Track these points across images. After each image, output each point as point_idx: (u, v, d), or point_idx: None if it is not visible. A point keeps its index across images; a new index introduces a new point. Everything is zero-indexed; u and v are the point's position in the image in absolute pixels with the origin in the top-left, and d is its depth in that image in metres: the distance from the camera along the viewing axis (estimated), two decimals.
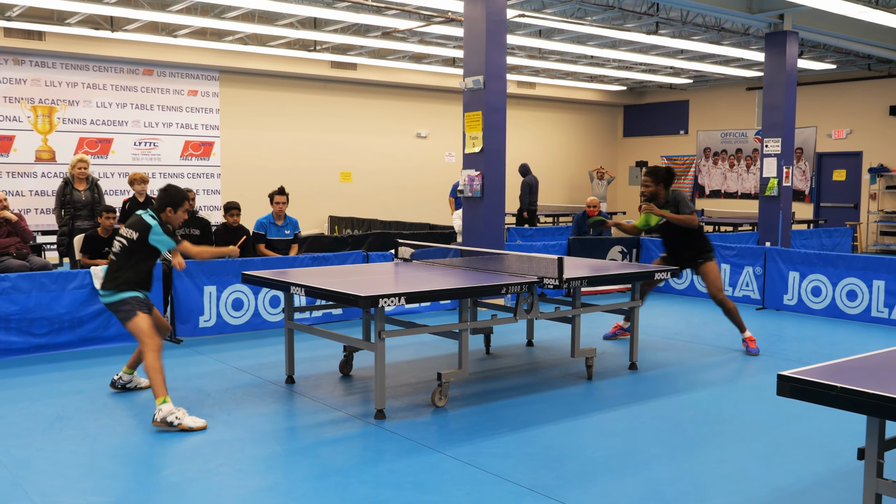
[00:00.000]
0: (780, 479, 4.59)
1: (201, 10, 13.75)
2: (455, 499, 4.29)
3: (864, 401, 2.92)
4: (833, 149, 20.09)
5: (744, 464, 4.85)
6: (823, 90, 20.06)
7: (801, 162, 20.47)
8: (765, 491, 4.43)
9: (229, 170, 17.53)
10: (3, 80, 15.03)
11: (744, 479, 4.60)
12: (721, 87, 22.30)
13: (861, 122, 19.53)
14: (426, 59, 18.29)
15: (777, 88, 14.00)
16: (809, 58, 17.63)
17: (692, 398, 6.34)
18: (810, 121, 20.10)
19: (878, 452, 3.15)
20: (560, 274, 6.21)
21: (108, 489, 4.42)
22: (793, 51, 13.92)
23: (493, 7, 9.84)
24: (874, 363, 3.43)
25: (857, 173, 19.70)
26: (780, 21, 13.69)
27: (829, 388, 3.01)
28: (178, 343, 8.26)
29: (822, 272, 10.03)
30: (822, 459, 4.92)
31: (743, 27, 14.84)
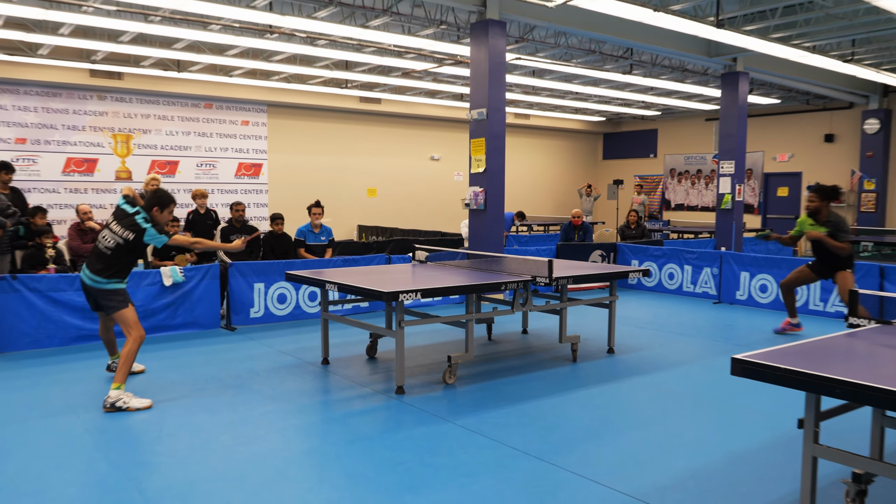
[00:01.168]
0: (733, 445, 4.59)
1: (252, 55, 13.82)
2: (462, 461, 4.29)
3: (804, 379, 2.92)
4: (778, 170, 20.01)
5: (703, 432, 4.84)
6: (770, 121, 19.99)
7: (751, 180, 20.40)
8: (720, 454, 4.42)
9: (275, 186, 17.57)
10: (89, 113, 15.12)
11: (703, 444, 4.60)
12: (684, 118, 22.25)
13: (801, 148, 19.46)
14: (439, 94, 18.31)
15: (731, 119, 13.97)
16: (758, 94, 17.58)
17: (660, 377, 6.33)
18: (759, 146, 20.04)
19: (815, 422, 3.15)
20: (550, 273, 6.23)
21: (173, 450, 4.44)
22: (744, 88, 13.89)
23: (494, 51, 9.86)
24: (812, 348, 3.43)
25: (797, 190, 19.61)
26: (734, 63, 13.67)
27: (775, 368, 3.01)
28: (232, 331, 8.28)
29: (769, 272, 9.99)
30: (768, 428, 4.91)
31: (703, 68, 14.82)
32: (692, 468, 4.20)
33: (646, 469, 4.18)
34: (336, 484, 3.96)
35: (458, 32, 11.26)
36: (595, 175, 24.70)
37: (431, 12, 10.77)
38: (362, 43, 12.06)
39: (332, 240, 10.22)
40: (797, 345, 3.49)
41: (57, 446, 4.52)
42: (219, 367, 6.60)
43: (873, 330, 3.94)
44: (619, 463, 4.27)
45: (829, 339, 3.69)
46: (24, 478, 4.02)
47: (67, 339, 7.43)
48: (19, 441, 4.61)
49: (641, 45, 11.93)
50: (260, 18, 10.06)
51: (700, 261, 10.99)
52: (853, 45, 13.10)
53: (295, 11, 10.51)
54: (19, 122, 14.36)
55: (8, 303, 7.12)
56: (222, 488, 3.88)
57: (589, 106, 20.07)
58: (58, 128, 14.79)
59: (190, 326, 8.18)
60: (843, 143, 18.63)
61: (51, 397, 5.59)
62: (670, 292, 11.38)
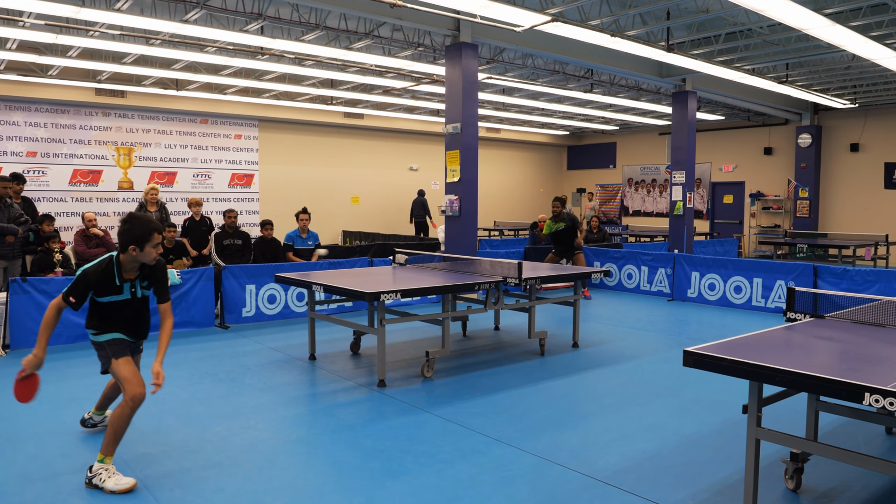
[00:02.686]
0: (685, 429, 4.61)
1: (245, 74, 13.69)
2: (440, 448, 4.27)
3: (747, 369, 2.94)
4: (723, 179, 20.23)
5: (658, 418, 4.86)
6: (716, 135, 20.22)
7: (700, 189, 20.60)
8: (674, 438, 4.44)
9: (265, 195, 17.42)
10: (94, 128, 14.88)
11: (658, 429, 4.62)
12: (640, 132, 22.43)
13: (743, 160, 19.70)
14: (417, 110, 18.29)
15: (681, 134, 14.09)
16: (705, 111, 17.79)
17: (620, 368, 6.35)
18: (706, 158, 20.26)
19: (757, 408, 3.17)
20: (520, 274, 6.22)
21: (171, 440, 4.37)
22: (692, 106, 14.03)
23: (467, 71, 9.86)
24: (754, 341, 3.46)
25: (741, 197, 19.84)
26: (683, 84, 13.81)
27: (721, 360, 3.03)
28: (226, 329, 8.18)
29: (716, 272, 10.09)
30: (716, 414, 4.94)
31: (656, 88, 14.95)
32: (649, 451, 4.21)
33: (606, 453, 4.18)
34: (322, 470, 3.92)
35: (435, 54, 11.25)
36: (560, 184, 24.80)
37: (410, 35, 10.75)
38: (346, 63, 12.00)
39: (318, 244, 10.14)
40: (741, 338, 3.51)
41: (63, 437, 4.42)
42: (213, 362, 6.51)
43: (808, 324, 3.99)
44: (582, 447, 4.27)
45: (770, 332, 3.72)
46: (34, 466, 3.93)
47: (73, 338, 7.29)
48: (29, 432, 4.51)
49: (601, 66, 12.01)
50: (252, 41, 9.98)
51: (655, 262, 11.07)
52: (787, 67, 13.31)
53: (284, 35, 10.43)
54: (30, 136, 14.12)
55: (19, 303, 7.00)
56: (217, 475, 3.82)
57: (554, 121, 20.16)
58: (65, 142, 14.55)
59: (186, 325, 8.07)
60: (780, 155, 18.90)
61: (57, 391, 5.48)
62: (629, 291, 11.45)
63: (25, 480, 3.74)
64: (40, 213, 9.01)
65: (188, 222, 10.06)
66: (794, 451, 3.58)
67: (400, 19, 9.16)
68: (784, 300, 9.17)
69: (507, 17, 8.50)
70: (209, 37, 9.76)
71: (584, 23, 9.28)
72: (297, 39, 10.26)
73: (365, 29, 10.27)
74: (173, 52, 11.05)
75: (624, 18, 10.13)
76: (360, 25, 10.24)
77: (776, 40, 11.18)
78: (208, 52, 11.21)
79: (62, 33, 9.86)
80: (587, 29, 9.15)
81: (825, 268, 8.89)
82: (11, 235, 7.58)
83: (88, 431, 4.54)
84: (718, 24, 10.55)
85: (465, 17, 9.21)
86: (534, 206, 23.48)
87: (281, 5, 9.34)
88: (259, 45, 10.45)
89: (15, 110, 13.91)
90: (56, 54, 11.69)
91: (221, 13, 9.03)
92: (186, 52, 11.09)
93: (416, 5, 8.33)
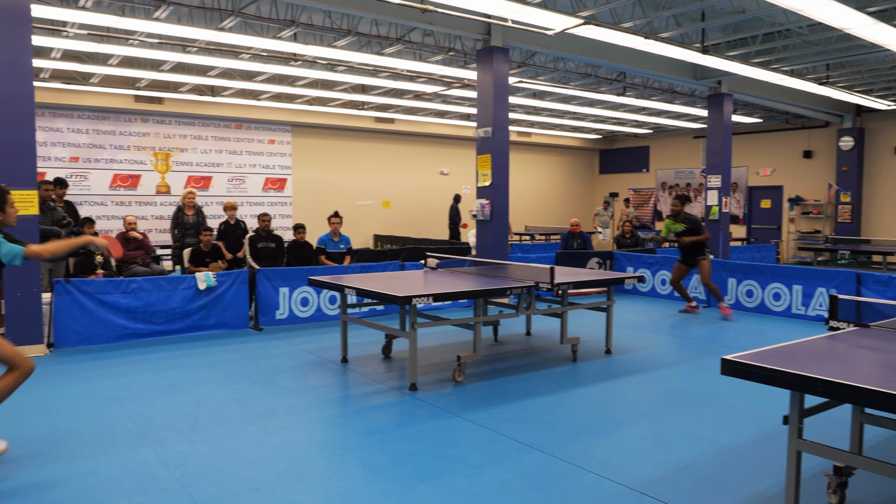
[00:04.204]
0: (722, 439, 4.52)
1: (278, 80, 13.86)
2: (471, 452, 4.25)
3: (789, 379, 2.87)
4: (760, 183, 19.87)
5: (694, 427, 4.77)
6: (753, 138, 19.86)
7: (736, 193, 20.25)
8: (711, 448, 4.35)
9: (298, 199, 17.60)
10: (133, 134, 15.21)
11: (694, 438, 4.53)
12: (674, 135, 22.15)
13: (782, 163, 19.32)
14: (448, 114, 18.31)
15: (717, 137, 13.89)
16: (741, 113, 17.50)
17: (654, 376, 6.26)
18: (743, 161, 19.91)
19: (799, 419, 3.09)
20: (552, 279, 6.18)
21: (207, 439, 4.42)
22: (728, 108, 13.82)
23: (498, 76, 9.84)
24: (796, 350, 3.37)
25: (779, 202, 19.46)
26: (719, 86, 13.60)
27: (762, 369, 2.96)
28: (260, 331, 8.27)
29: (754, 278, 9.89)
30: (755, 424, 4.83)
31: (690, 90, 14.76)
32: (684, 461, 4.13)
33: (641, 461, 4.12)
34: (354, 472, 3.92)
35: (465, 58, 11.26)
36: (591, 189, 24.62)
37: (441, 40, 10.78)
38: (378, 68, 12.07)
39: (350, 247, 10.21)
40: (782, 346, 3.43)
41: (104, 434, 4.51)
42: (247, 363, 6.59)
43: (852, 333, 3.88)
44: (615, 456, 4.21)
45: (811, 341, 3.63)
46: (76, 462, 4.01)
47: (113, 337, 7.44)
48: (72, 429, 4.61)
49: (634, 69, 11.89)
50: (286, 48, 10.10)
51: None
52: (828, 68, 13.03)
53: (317, 41, 10.54)
54: (73, 142, 14.50)
55: (62, 304, 7.17)
56: (252, 474, 3.85)
57: (586, 125, 20.03)
58: (106, 147, 14.90)
59: (221, 327, 8.18)
60: (820, 158, 18.49)
61: (99, 389, 5.59)
62: (663, 297, 11.30)
63: (69, 475, 3.82)
64: (82, 217, 9.22)
65: (223, 226, 10.19)
66: (837, 465, 3.48)
67: (431, 24, 9.19)
68: (825, 308, 8.96)
69: (539, 20, 8.46)
70: (244, 44, 9.90)
71: (617, 25, 9.20)
72: (330, 45, 10.36)
73: (396, 34, 10.32)
74: (209, 60, 11.24)
75: (658, 20, 10.02)
76: (391, 31, 10.30)
77: (816, 40, 10.95)
78: (243, 58, 11.37)
79: (103, 42, 10.09)
80: (620, 31, 9.07)
81: (869, 275, 8.66)
82: (55, 238, 7.77)
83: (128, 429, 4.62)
84: (755, 25, 10.37)
85: (496, 22, 9.21)
86: (566, 211, 23.34)
87: (313, 12, 9.44)
88: (292, 52, 10.56)
89: (58, 117, 14.28)
90: (97, 63, 11.98)
91: (255, 20, 9.16)
92: (222, 59, 11.27)
93: (447, 10, 8.34)
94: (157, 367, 6.40)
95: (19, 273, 6.71)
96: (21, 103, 6.70)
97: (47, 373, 6.17)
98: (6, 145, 6.65)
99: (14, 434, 4.55)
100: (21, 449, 4.27)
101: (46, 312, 7.08)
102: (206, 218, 10.49)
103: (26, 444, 4.36)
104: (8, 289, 6.69)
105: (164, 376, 6.07)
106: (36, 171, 6.86)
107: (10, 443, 4.36)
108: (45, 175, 12.01)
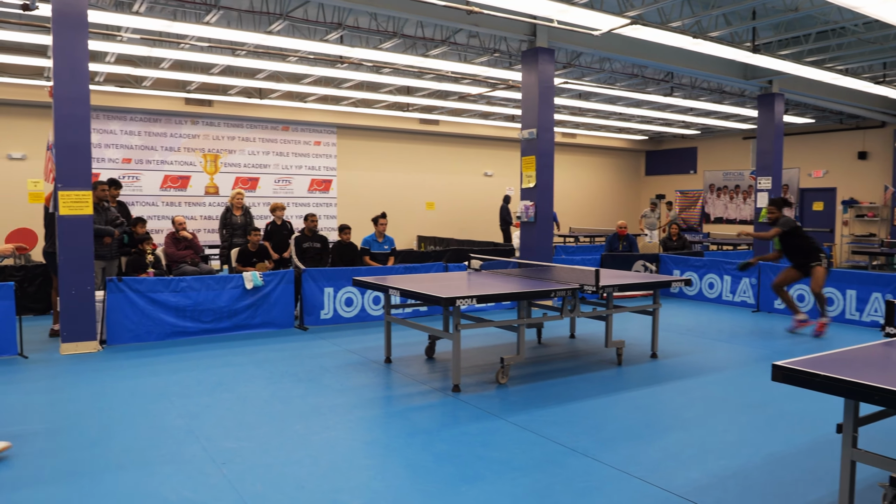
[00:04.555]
0: (772, 447, 4.41)
1: (324, 82, 14.06)
2: (514, 455, 4.24)
3: (843, 386, 2.79)
4: (813, 185, 19.32)
5: (743, 434, 4.67)
6: (805, 139, 19.33)
7: (787, 195, 19.74)
8: (759, 456, 4.25)
9: (343, 200, 17.81)
10: (184, 136, 15.61)
11: (743, 445, 4.44)
12: (723, 136, 21.70)
13: (835, 165, 18.76)
14: (492, 116, 18.30)
15: (767, 138, 13.55)
16: (793, 114, 17.04)
17: (701, 381, 6.15)
18: (794, 163, 19.39)
19: (853, 427, 3.00)
20: (597, 282, 6.12)
21: (254, 436, 4.51)
22: (780, 109, 13.47)
23: (543, 77, 9.80)
24: (850, 356, 3.28)
25: (832, 205, 18.90)
26: (770, 86, 13.28)
27: (815, 375, 2.89)
28: (305, 330, 8.39)
29: (806, 283, 9.60)
30: (806, 432, 4.71)
31: (740, 90, 14.45)
32: (732, 468, 4.05)
33: (687, 468, 4.05)
34: (397, 472, 3.95)
35: (510, 59, 11.24)
36: (637, 191, 24.30)
37: (486, 42, 10.78)
38: (423, 70, 12.14)
39: (394, 248, 10.28)
40: (835, 353, 3.34)
41: (154, 429, 4.64)
42: (293, 362, 6.69)
43: None
44: (661, 461, 4.15)
45: (867, 347, 3.52)
46: (127, 456, 4.14)
47: (163, 335, 7.65)
48: (123, 424, 4.75)
49: (681, 69, 11.70)
50: (332, 50, 10.23)
51: (739, 271, 10.65)
52: (884, 67, 12.60)
53: (363, 43, 10.65)
54: (126, 144, 14.95)
55: (115, 302, 7.40)
56: (297, 472, 3.92)
57: (632, 125, 19.78)
58: (157, 149, 15.32)
59: (267, 326, 8.33)
60: (875, 160, 17.89)
61: (149, 386, 5.76)
62: (710, 301, 11.08)
63: (119, 469, 3.94)
64: (133, 217, 9.50)
65: (270, 226, 10.37)
66: (893, 476, 3.37)
67: (476, 26, 9.20)
68: (881, 314, 8.66)
69: (585, 20, 8.40)
70: (291, 47, 10.07)
71: (665, 25, 9.06)
72: (375, 48, 10.45)
73: (441, 36, 10.36)
74: (257, 63, 11.47)
75: (707, 19, 9.84)
76: (436, 33, 10.35)
77: (872, 38, 10.60)
78: (290, 61, 11.57)
79: (156, 46, 10.38)
80: (668, 31, 8.93)
81: None
82: (108, 237, 8.03)
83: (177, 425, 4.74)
84: (808, 23, 10.10)
85: (541, 23, 9.17)
86: (611, 213, 23.09)
87: (360, 14, 9.55)
88: (338, 54, 10.70)
89: (112, 119, 14.75)
90: (150, 66, 12.33)
91: (303, 24, 9.31)
92: (270, 62, 11.48)
93: (493, 11, 8.34)
94: (204, 365, 6.55)
95: (74, 272, 6.96)
96: (77, 106, 6.94)
97: (100, 369, 6.38)
98: (64, 147, 6.90)
99: (68, 427, 4.72)
100: (75, 441, 4.42)
101: (99, 310, 7.31)
102: (254, 218, 10.69)
103: (80, 437, 4.52)
104: (63, 287, 6.94)
105: (212, 374, 6.21)
106: (91, 172, 7.10)
107: (65, 434, 4.53)
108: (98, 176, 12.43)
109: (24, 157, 13.89)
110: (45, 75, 12.69)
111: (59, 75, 6.85)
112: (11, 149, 13.82)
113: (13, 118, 13.78)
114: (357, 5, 8.39)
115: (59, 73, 6.85)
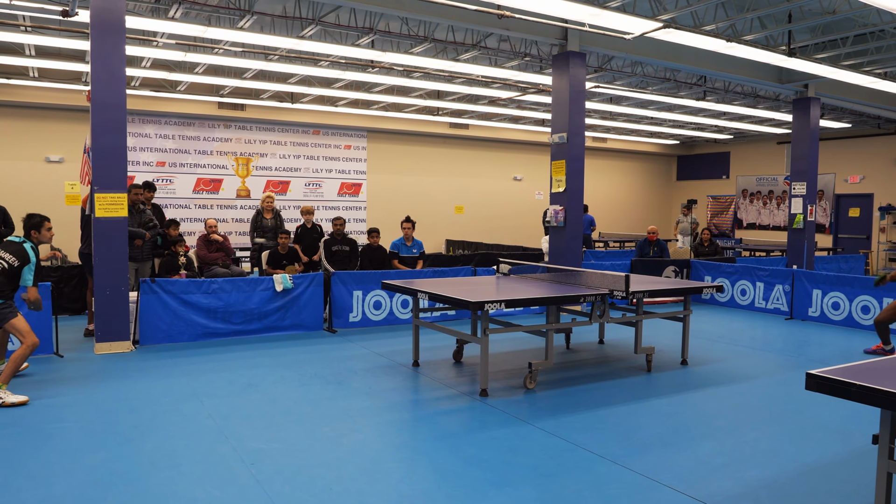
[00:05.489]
0: (805, 457, 4.33)
1: (355, 86, 14.17)
2: (542, 461, 4.23)
3: (880, 396, 2.74)
4: (849, 191, 18.92)
5: (775, 443, 4.59)
6: (841, 144, 18.94)
7: (822, 201, 19.36)
8: (793, 466, 4.18)
9: (373, 204, 17.91)
10: (216, 139, 15.85)
11: (775, 455, 4.36)
12: (756, 141, 21.37)
13: (872, 170, 18.35)
14: (522, 120, 18.27)
15: (803, 143, 13.31)
16: (829, 118, 16.71)
17: (733, 389, 6.06)
18: (830, 168, 19.01)
19: (890, 439, 2.94)
20: (627, 287, 6.07)
21: (283, 437, 4.56)
22: (815, 113, 13.22)
23: (574, 81, 9.76)
24: (886, 366, 3.21)
25: (868, 211, 18.49)
26: (805, 89, 13.04)
27: (850, 385, 2.84)
28: (333, 333, 8.46)
29: (841, 290, 9.43)
30: (841, 443, 4.61)
31: (774, 94, 14.22)
32: (764, 478, 3.98)
33: (718, 476, 3.99)
34: (425, 476, 3.97)
35: (541, 63, 11.21)
36: (669, 196, 24.04)
37: (516, 46, 10.77)
38: (453, 74, 12.17)
39: (422, 252, 10.30)
40: (871, 362, 3.28)
41: (185, 429, 4.72)
42: (321, 365, 6.75)
43: None
44: (692, 469, 4.10)
45: None
46: (159, 454, 4.22)
47: (195, 336, 7.77)
48: (155, 423, 4.85)
49: (715, 72, 11.56)
50: (363, 55, 10.32)
51: (772, 278, 10.49)
52: None
53: (394, 48, 10.72)
54: (160, 147, 15.24)
55: (148, 303, 7.53)
56: (325, 474, 3.95)
57: (663, 130, 19.57)
58: (190, 152, 15.58)
59: (297, 328, 8.41)
60: None
61: (180, 386, 5.85)
62: (742, 308, 10.91)
63: (151, 467, 4.02)
64: (167, 219, 9.68)
65: (300, 229, 10.48)
66: None
67: (507, 30, 9.20)
68: None
69: (617, 24, 8.35)
70: (323, 51, 10.17)
71: (698, 28, 8.97)
72: (406, 52, 10.52)
73: (472, 40, 10.39)
74: (289, 67, 11.61)
75: (741, 23, 9.71)
76: (467, 37, 10.37)
77: None
78: (322, 66, 11.69)
79: (190, 51, 10.57)
80: (701, 35, 8.84)
81: None
82: (139, 239, 8.18)
83: (207, 425, 4.81)
84: (846, 26, 9.91)
85: (572, 26, 9.13)
86: (642, 218, 22.87)
87: (391, 19, 9.61)
88: (369, 59, 10.79)
89: (147, 123, 15.05)
90: (184, 71, 12.56)
91: (335, 28, 9.41)
92: (301, 67, 11.62)
93: (524, 16, 8.33)
94: (235, 366, 6.64)
95: (109, 273, 7.10)
96: (114, 110, 7.10)
97: (133, 369, 6.50)
98: (100, 150, 7.06)
99: (102, 426, 4.82)
100: (108, 440, 4.52)
101: (133, 311, 7.46)
102: (284, 221, 10.81)
103: (114, 435, 4.61)
104: (98, 288, 7.09)
105: (242, 375, 6.29)
106: (126, 175, 7.25)
107: (100, 433, 4.63)
108: (133, 179, 12.67)
109: (61, 160, 14.24)
110: (83, 80, 13.00)
111: (96, 80, 7.01)
112: (49, 152, 14.17)
113: (51, 122, 14.13)
114: (388, 10, 8.45)
115: (97, 77, 7.01)
